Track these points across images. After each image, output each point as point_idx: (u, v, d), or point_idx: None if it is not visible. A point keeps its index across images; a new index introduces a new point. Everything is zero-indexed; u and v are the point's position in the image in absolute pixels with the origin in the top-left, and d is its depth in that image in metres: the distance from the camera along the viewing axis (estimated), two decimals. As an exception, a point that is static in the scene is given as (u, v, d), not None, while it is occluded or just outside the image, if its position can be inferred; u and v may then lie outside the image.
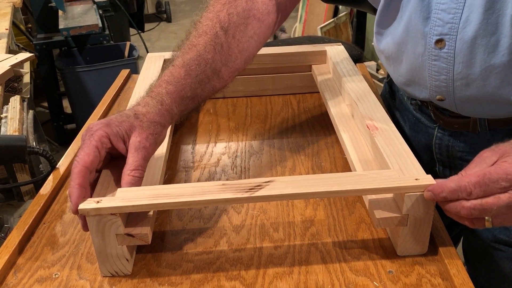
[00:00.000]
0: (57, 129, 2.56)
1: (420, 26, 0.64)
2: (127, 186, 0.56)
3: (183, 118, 0.90)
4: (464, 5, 0.59)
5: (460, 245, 1.07)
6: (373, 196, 0.58)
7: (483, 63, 0.60)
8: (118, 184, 0.58)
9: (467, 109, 0.67)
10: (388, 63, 0.75)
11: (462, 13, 0.59)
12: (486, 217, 0.50)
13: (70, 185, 0.54)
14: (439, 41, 0.62)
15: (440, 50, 0.62)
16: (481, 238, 0.73)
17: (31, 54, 1.55)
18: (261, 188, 0.54)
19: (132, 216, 0.56)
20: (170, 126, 0.72)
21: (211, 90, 0.70)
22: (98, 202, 0.53)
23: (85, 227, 0.54)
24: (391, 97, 0.89)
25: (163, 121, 0.62)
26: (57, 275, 0.57)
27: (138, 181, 0.57)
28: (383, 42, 0.74)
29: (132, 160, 0.57)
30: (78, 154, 0.56)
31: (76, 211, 0.53)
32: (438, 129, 0.75)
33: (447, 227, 0.93)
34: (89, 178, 0.55)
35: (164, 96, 0.64)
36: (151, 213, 0.57)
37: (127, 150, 0.59)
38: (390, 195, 0.57)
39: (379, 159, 0.65)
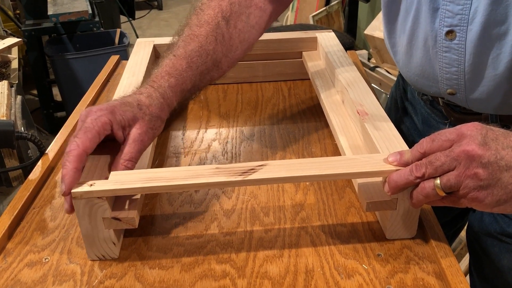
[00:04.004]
0: (47, 117, 2.54)
1: (430, 18, 0.63)
2: None
3: (178, 108, 0.89)
4: None
5: (458, 238, 1.09)
6: (363, 180, 0.59)
7: (494, 54, 0.60)
8: (104, 169, 0.58)
9: (478, 103, 0.66)
10: (398, 58, 0.74)
11: (471, 4, 0.58)
12: (436, 182, 0.50)
13: (65, 166, 0.53)
14: (449, 33, 0.61)
15: (451, 41, 0.62)
16: (488, 231, 0.73)
17: (19, 39, 1.53)
18: (254, 172, 0.54)
19: (119, 200, 0.56)
20: None
21: (209, 80, 0.70)
22: (91, 185, 0.53)
23: (70, 210, 0.54)
24: (403, 91, 0.88)
25: (163, 115, 0.63)
26: (47, 259, 0.57)
27: None
28: (393, 37, 0.73)
29: (128, 150, 0.57)
30: (78, 136, 0.54)
31: (68, 193, 0.52)
32: (449, 126, 0.75)
33: (450, 221, 0.94)
34: (83, 162, 0.55)
35: (166, 89, 0.63)
36: (137, 196, 0.57)
37: (124, 138, 0.58)
38: (380, 179, 0.58)
39: (368, 144, 0.65)
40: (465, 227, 0.85)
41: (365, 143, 0.67)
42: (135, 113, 0.59)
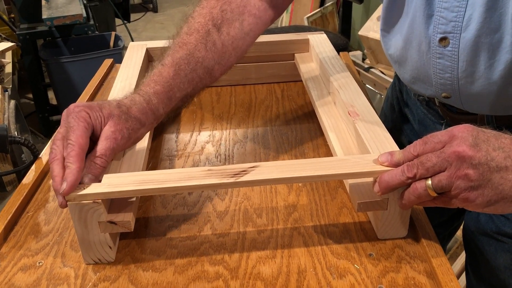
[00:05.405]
0: (43, 120, 2.54)
1: (424, 24, 0.63)
2: (88, 173, 0.55)
3: (171, 115, 0.89)
4: (467, 4, 0.58)
5: (454, 237, 1.09)
6: (354, 181, 0.59)
7: (487, 61, 0.60)
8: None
9: (473, 106, 0.67)
10: (394, 61, 0.75)
11: (465, 12, 0.59)
12: (427, 182, 0.50)
13: (67, 167, 0.52)
14: (443, 39, 0.62)
15: (444, 48, 0.62)
16: (484, 230, 0.73)
17: (13, 44, 1.53)
18: (246, 173, 0.55)
19: (115, 204, 0.57)
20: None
21: (201, 87, 0.70)
22: (83, 188, 0.53)
23: (65, 204, 0.53)
24: (399, 92, 0.88)
25: (144, 119, 0.62)
26: (41, 263, 0.58)
27: (98, 169, 0.55)
28: (389, 39, 0.74)
29: (98, 147, 0.56)
30: (69, 137, 0.54)
31: (69, 192, 0.51)
32: (445, 126, 0.75)
33: (446, 221, 0.95)
34: (84, 161, 0.54)
35: (151, 95, 0.63)
36: (133, 199, 0.57)
37: None
38: (371, 179, 0.58)
39: (360, 145, 0.65)
40: (461, 227, 0.86)
41: (357, 143, 0.67)
42: (112, 110, 0.58)
